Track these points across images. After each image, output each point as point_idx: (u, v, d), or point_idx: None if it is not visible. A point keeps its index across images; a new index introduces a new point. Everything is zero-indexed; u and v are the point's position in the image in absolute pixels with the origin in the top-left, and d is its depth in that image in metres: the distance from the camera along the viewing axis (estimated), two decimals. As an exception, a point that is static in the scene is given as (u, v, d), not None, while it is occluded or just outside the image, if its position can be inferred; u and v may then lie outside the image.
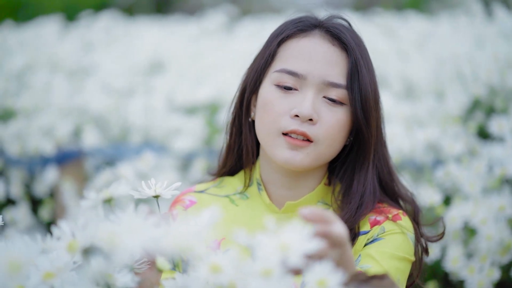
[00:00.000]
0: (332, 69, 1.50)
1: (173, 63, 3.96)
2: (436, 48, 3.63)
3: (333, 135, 1.50)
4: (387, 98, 3.01)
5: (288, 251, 0.92)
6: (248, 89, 1.60)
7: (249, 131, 1.61)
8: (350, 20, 1.61)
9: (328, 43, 1.53)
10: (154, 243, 0.81)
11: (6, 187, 3.08)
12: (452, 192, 2.45)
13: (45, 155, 3.10)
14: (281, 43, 1.56)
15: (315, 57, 1.51)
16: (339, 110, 1.50)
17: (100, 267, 0.80)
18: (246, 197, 1.63)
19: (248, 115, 1.61)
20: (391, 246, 1.50)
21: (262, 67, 1.57)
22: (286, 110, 1.50)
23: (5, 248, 0.80)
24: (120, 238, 0.79)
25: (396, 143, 2.61)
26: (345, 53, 1.52)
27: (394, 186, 1.61)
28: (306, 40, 1.54)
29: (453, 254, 2.27)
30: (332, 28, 1.54)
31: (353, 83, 1.50)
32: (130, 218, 0.97)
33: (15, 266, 0.74)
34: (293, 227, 0.94)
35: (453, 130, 2.70)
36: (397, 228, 1.52)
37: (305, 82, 1.50)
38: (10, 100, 3.38)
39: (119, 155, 3.07)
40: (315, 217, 1.06)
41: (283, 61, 1.54)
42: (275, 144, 1.51)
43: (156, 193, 1.25)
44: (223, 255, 0.97)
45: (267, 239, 0.94)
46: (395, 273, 1.47)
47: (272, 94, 1.52)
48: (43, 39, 4.58)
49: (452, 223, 2.27)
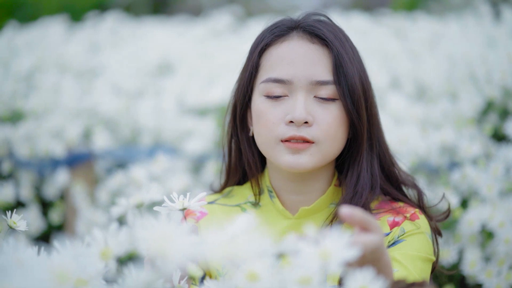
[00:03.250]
0: (316, 68, 1.49)
1: (182, 64, 3.93)
2: (447, 49, 3.60)
3: (332, 132, 1.49)
4: (399, 99, 2.99)
5: (329, 259, 0.90)
6: (238, 105, 1.59)
7: (248, 147, 1.61)
8: (329, 15, 1.61)
9: (307, 43, 1.52)
10: (199, 251, 0.78)
11: (16, 189, 3.06)
12: (468, 195, 2.43)
13: (55, 157, 3.07)
14: (262, 53, 1.55)
15: (297, 59, 1.50)
16: (332, 106, 1.49)
17: (147, 277, 0.78)
18: (258, 205, 1.62)
19: (244, 131, 1.61)
20: (413, 248, 1.49)
21: (248, 80, 1.56)
22: (280, 118, 1.49)
23: (49, 257, 0.77)
24: (170, 247, 0.77)
25: (411, 145, 2.59)
26: (327, 49, 1.51)
27: (395, 173, 1.60)
28: (285, 44, 1.53)
29: (471, 258, 2.25)
30: (308, 26, 1.53)
31: (340, 76, 1.49)
32: (164, 225, 0.95)
33: (63, 277, 0.72)
34: (333, 234, 0.92)
35: (468, 132, 2.68)
36: (416, 228, 1.52)
37: (293, 86, 1.49)
38: (19, 102, 3.36)
39: (130, 157, 3.05)
40: (355, 219, 1.04)
41: (267, 70, 1.53)
42: (277, 151, 1.50)
43: (184, 206, 1.23)
44: (260, 262, 0.95)
45: (307, 247, 0.92)
46: (420, 274, 1.47)
47: (263, 105, 1.51)
48: (49, 40, 4.56)
49: (469, 226, 2.25)
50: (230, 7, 5.62)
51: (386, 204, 1.58)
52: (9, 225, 1.28)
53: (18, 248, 1.04)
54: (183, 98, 3.40)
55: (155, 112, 3.25)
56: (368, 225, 1.05)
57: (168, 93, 3.47)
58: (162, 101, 3.34)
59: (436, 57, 3.54)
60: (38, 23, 5.22)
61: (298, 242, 0.94)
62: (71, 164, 3.07)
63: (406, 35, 4.24)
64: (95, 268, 0.99)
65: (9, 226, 1.28)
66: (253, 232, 0.98)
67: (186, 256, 0.75)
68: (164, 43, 4.47)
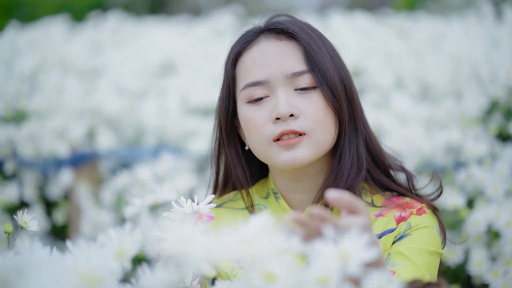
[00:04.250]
0: (289, 61, 1.52)
1: (185, 64, 3.93)
2: (450, 49, 3.60)
3: (320, 119, 1.50)
4: (403, 99, 2.99)
5: (348, 259, 0.90)
6: (223, 121, 1.61)
7: (237, 161, 1.62)
8: (293, 14, 1.64)
9: (275, 41, 1.54)
10: (220, 251, 0.78)
11: (20, 189, 3.05)
12: (474, 195, 2.43)
13: (59, 157, 3.07)
14: (235, 64, 1.57)
15: (268, 59, 1.52)
16: (314, 95, 1.51)
17: (167, 277, 0.77)
18: (265, 207, 1.63)
19: (232, 146, 1.62)
20: (420, 241, 1.49)
21: (228, 94, 1.58)
22: (266, 118, 1.50)
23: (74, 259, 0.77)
24: (193, 247, 0.77)
25: (416, 145, 2.59)
26: (295, 41, 1.54)
27: (382, 156, 1.60)
28: (254, 49, 1.55)
29: (477, 258, 2.24)
30: (272, 25, 1.57)
31: (312, 64, 1.51)
32: (183, 226, 0.95)
33: (92, 280, 0.71)
34: (351, 235, 0.92)
35: (473, 132, 2.67)
36: (423, 222, 1.51)
37: (271, 85, 1.51)
38: (22, 102, 3.35)
39: (134, 157, 3.04)
40: (342, 203, 1.04)
41: (243, 78, 1.54)
42: (272, 153, 1.51)
43: (193, 210, 1.23)
44: (278, 262, 0.95)
45: (325, 247, 0.92)
46: (427, 268, 1.46)
47: (248, 112, 1.53)
48: (50, 40, 4.55)
49: (475, 226, 2.25)
50: (228, 7, 5.62)
51: (393, 200, 1.58)
52: (20, 225, 1.28)
53: (33, 249, 1.04)
54: (187, 98, 3.40)
55: (159, 112, 3.25)
56: (355, 207, 1.05)
57: (171, 93, 3.46)
58: (166, 101, 3.34)
59: (439, 57, 3.54)
60: (38, 23, 5.22)
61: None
62: (75, 164, 3.07)
63: (408, 35, 4.23)
64: (112, 268, 0.99)
65: (20, 226, 1.28)
66: (270, 231, 0.98)
67: (208, 256, 0.75)
68: (166, 43, 4.46)
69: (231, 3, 8.09)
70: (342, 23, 3.96)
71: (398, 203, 1.56)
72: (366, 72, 3.40)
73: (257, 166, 1.67)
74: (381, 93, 3.21)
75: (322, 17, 4.19)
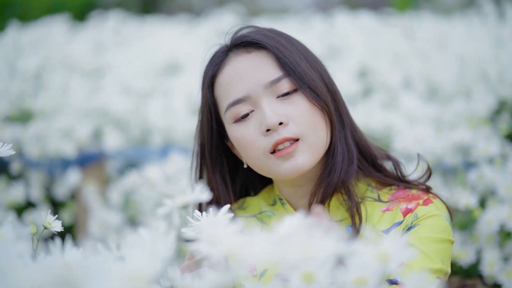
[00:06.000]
0: (264, 71, 1.51)
1: (189, 64, 3.92)
2: (456, 49, 3.60)
3: (309, 121, 1.49)
4: (411, 99, 2.99)
5: (387, 260, 0.89)
6: (207, 145, 1.59)
7: (222, 185, 1.61)
8: (254, 23, 1.64)
9: (244, 54, 1.54)
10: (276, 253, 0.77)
11: (26, 190, 3.04)
12: (486, 195, 2.42)
13: (66, 157, 3.05)
14: (212, 88, 1.56)
15: (242, 74, 1.51)
16: (297, 98, 1.50)
17: (220, 279, 0.76)
18: (273, 214, 1.62)
19: (217, 170, 1.60)
20: (428, 230, 1.48)
21: (210, 118, 1.57)
22: (257, 132, 1.49)
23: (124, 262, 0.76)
24: (244, 249, 0.76)
25: (427, 145, 2.58)
26: (264, 50, 1.53)
27: (368, 148, 1.60)
28: (226, 68, 1.54)
29: (489, 258, 2.24)
30: (238, 40, 1.55)
31: (286, 68, 1.50)
32: (213, 225, 0.94)
33: (137, 279, 0.70)
34: (390, 236, 0.91)
35: (482, 132, 2.67)
36: (430, 212, 1.50)
37: (252, 99, 1.50)
38: (27, 102, 3.33)
39: (141, 157, 3.03)
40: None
41: (224, 99, 1.53)
42: (272, 165, 1.50)
43: (212, 222, 1.20)
44: (316, 263, 0.94)
45: (364, 248, 0.91)
46: (437, 256, 1.45)
47: (237, 131, 1.52)
48: (52, 40, 4.53)
49: (488, 226, 2.25)
50: (221, 7, 5.61)
51: (399, 193, 1.57)
52: (43, 226, 1.27)
53: (65, 250, 1.03)
54: (192, 98, 3.39)
55: (165, 112, 3.24)
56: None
57: (177, 92, 3.45)
58: (172, 101, 3.33)
59: (445, 57, 3.53)
60: (36, 23, 5.19)
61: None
62: (82, 164, 3.06)
63: (412, 34, 4.23)
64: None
65: (44, 226, 1.27)
66: (304, 232, 0.97)
67: (264, 258, 0.74)
68: (168, 43, 4.45)
69: (224, 3, 8.08)
70: (347, 23, 3.95)
71: (405, 195, 1.55)
72: (373, 72, 3.39)
73: (258, 178, 1.67)
74: (389, 93, 3.21)
75: (327, 18, 4.19)
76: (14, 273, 0.62)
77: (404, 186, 1.58)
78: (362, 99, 3.24)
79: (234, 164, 1.64)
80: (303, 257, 0.81)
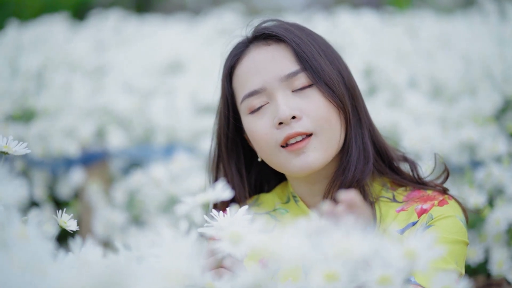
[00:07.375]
0: (281, 64, 1.50)
1: (193, 63, 3.90)
2: (459, 47, 3.59)
3: (324, 116, 1.48)
4: (417, 98, 2.98)
5: (415, 258, 0.88)
6: (223, 136, 1.60)
7: (238, 176, 1.60)
8: (280, 17, 1.63)
9: (264, 47, 1.54)
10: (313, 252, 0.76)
11: (29, 189, 3.02)
12: (493, 194, 2.41)
13: (69, 156, 3.04)
14: (230, 79, 1.56)
15: (260, 66, 1.51)
16: (312, 93, 1.49)
17: (256, 276, 0.75)
18: (286, 212, 1.61)
19: (232, 162, 1.60)
20: (442, 231, 1.47)
21: (227, 109, 1.57)
22: (269, 125, 1.49)
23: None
24: (282, 248, 0.74)
25: (433, 144, 2.57)
26: (283, 43, 1.52)
27: (385, 149, 1.58)
28: (245, 59, 1.54)
29: (498, 257, 2.23)
30: (259, 32, 1.56)
31: (304, 62, 1.50)
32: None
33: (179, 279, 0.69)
34: (417, 234, 0.90)
35: (489, 130, 2.66)
36: (445, 213, 1.49)
37: (267, 91, 1.49)
38: (30, 101, 3.31)
39: (145, 157, 3.02)
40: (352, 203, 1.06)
41: (241, 90, 1.53)
42: (283, 160, 1.49)
43: (230, 223, 1.19)
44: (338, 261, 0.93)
45: (391, 246, 0.90)
46: (452, 257, 1.44)
47: (251, 122, 1.52)
48: (54, 38, 4.51)
49: (496, 225, 2.24)
50: (215, 6, 5.60)
51: (414, 193, 1.56)
52: (59, 225, 1.25)
53: (84, 248, 1.02)
54: (196, 96, 3.38)
55: (168, 111, 3.22)
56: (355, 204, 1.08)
57: (180, 91, 3.44)
58: (175, 100, 3.31)
59: (449, 55, 3.53)
60: (35, 21, 5.16)
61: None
62: (86, 163, 3.04)
63: (415, 33, 4.22)
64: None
65: (60, 226, 1.26)
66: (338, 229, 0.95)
67: (301, 257, 0.73)
68: (169, 42, 4.43)
69: (218, 2, 8.06)
70: (349, 21, 3.94)
71: (420, 196, 1.54)
72: (378, 70, 3.38)
73: (272, 174, 1.65)
74: (394, 91, 3.20)
75: (330, 16, 4.18)
76: (52, 273, 0.61)
77: (420, 186, 1.57)
78: (367, 98, 3.23)
79: (250, 158, 1.63)
80: (341, 253, 0.79)
